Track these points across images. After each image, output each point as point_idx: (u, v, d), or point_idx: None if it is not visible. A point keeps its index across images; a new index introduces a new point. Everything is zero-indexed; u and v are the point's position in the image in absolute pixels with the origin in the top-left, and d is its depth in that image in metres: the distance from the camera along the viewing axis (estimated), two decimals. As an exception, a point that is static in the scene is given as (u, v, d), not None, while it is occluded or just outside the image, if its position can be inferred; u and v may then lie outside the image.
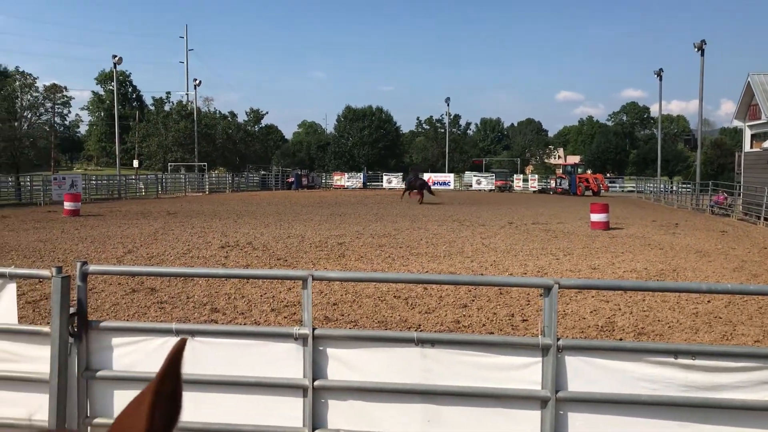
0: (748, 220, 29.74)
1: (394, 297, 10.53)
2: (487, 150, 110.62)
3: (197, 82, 64.28)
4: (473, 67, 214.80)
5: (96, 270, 4.21)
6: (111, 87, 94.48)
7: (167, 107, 71.64)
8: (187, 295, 10.48)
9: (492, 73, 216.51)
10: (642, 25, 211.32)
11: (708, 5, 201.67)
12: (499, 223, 24.87)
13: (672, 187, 55.54)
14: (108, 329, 4.08)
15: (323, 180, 74.79)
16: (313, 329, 3.91)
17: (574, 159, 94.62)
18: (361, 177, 72.09)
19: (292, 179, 65.99)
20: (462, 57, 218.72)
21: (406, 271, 13.36)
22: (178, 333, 3.96)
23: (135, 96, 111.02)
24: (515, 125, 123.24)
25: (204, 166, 62.09)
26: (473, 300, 10.38)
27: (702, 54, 42.67)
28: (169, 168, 63.26)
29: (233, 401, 3.89)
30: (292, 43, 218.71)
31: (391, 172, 76.56)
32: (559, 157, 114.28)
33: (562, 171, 67.04)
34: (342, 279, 6.32)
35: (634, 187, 67.00)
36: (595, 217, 22.63)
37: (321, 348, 3.94)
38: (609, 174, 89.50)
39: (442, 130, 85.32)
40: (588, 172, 63.18)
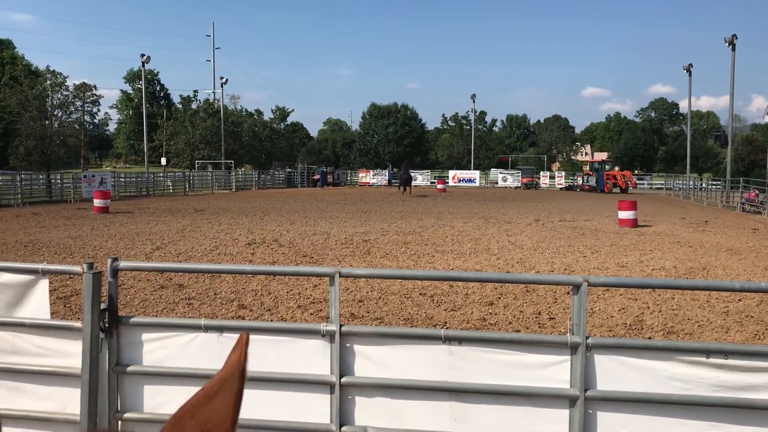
0: (780, 217, 29.20)
1: (419, 294, 10.51)
2: (513, 147, 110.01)
3: (224, 80, 64.81)
4: (499, 64, 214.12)
5: (126, 266, 4.26)
6: (139, 86, 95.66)
7: (194, 105, 72.31)
8: (215, 292, 10.57)
9: (518, 70, 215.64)
10: (671, 20, 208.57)
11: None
12: (526, 221, 24.71)
13: (701, 184, 54.65)
14: (138, 325, 4.12)
15: (348, 177, 74.99)
16: (340, 326, 3.91)
17: (601, 156, 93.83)
18: (386, 174, 72.14)
19: (317, 177, 66.28)
20: (488, 53, 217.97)
21: (431, 269, 13.33)
22: (207, 329, 3.99)
23: (163, 94, 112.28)
24: (541, 122, 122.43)
25: (231, 163, 62.60)
26: (499, 297, 10.33)
27: (733, 49, 41.94)
28: (196, 165, 63.86)
29: (261, 397, 3.91)
30: (317, 41, 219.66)
31: (417, 169, 76.49)
32: (586, 154, 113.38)
33: (589, 168, 66.38)
34: (369, 276, 6.33)
35: (662, 184, 66.20)
36: (623, 215, 22.38)
37: (348, 345, 3.95)
38: (637, 171, 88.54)
39: (467, 126, 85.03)
40: (615, 168, 62.44)
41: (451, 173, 72.34)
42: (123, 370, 4.10)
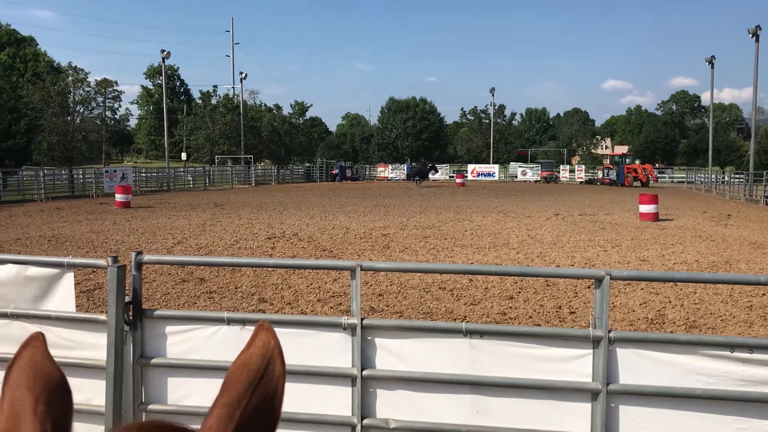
0: (805, 211, 28.78)
1: (439, 288, 10.51)
2: (533, 140, 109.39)
3: (243, 75, 65.05)
4: (518, 57, 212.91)
5: (150, 260, 4.30)
6: (159, 81, 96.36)
7: (214, 101, 72.69)
8: (235, 286, 10.65)
9: (537, 63, 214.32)
10: (693, 11, 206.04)
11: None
12: (545, 215, 24.59)
13: (724, 178, 53.96)
14: (162, 318, 4.17)
15: (367, 172, 74.97)
16: (362, 319, 3.93)
17: (621, 149, 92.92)
18: (405, 168, 72.05)
19: (336, 171, 66.40)
20: (507, 46, 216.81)
21: (451, 263, 13.31)
22: (229, 322, 4.02)
23: (183, 90, 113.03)
24: (561, 115, 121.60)
25: (250, 158, 62.85)
26: (519, 292, 10.30)
27: (757, 40, 41.37)
28: (216, 160, 64.23)
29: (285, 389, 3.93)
30: (336, 36, 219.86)
31: (436, 163, 76.28)
32: (607, 148, 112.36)
33: (609, 161, 65.81)
34: (390, 269, 6.33)
35: (684, 178, 65.45)
36: (644, 208, 22.19)
37: (369, 338, 3.96)
38: (658, 164, 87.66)
39: (486, 120, 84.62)
40: (636, 162, 61.80)
41: (470, 167, 72.06)
42: (147, 362, 4.15)
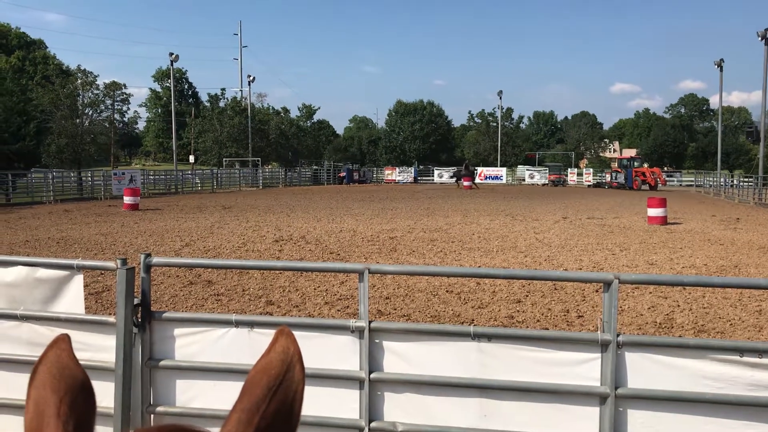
0: (814, 215, 28.61)
1: (446, 292, 10.50)
2: (540, 144, 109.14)
3: (251, 78, 65.29)
4: (526, 60, 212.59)
5: (159, 262, 4.32)
6: (168, 84, 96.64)
7: (222, 103, 72.90)
8: (243, 288, 10.67)
9: (545, 66, 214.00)
10: (702, 13, 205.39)
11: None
12: (553, 218, 24.54)
13: (733, 181, 53.68)
14: (170, 320, 4.18)
15: (374, 175, 74.99)
16: (370, 322, 3.93)
17: (630, 152, 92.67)
18: (412, 171, 72.08)
19: (343, 174, 66.45)
20: (514, 50, 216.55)
21: (458, 266, 13.30)
22: (238, 324, 4.03)
23: (191, 93, 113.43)
24: (569, 118, 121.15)
25: (258, 161, 63.00)
26: (527, 295, 10.28)
27: (766, 43, 41.17)
28: (224, 163, 64.40)
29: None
30: (343, 39, 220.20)
31: (443, 166, 76.29)
32: (615, 151, 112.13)
33: (617, 165, 65.57)
34: (398, 272, 6.32)
35: (692, 181, 65.16)
36: (653, 212, 22.12)
37: (377, 341, 3.96)
38: (666, 168, 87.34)
39: (494, 123, 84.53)
40: (645, 165, 61.55)
41: (478, 170, 72.02)
42: (155, 364, 4.16)
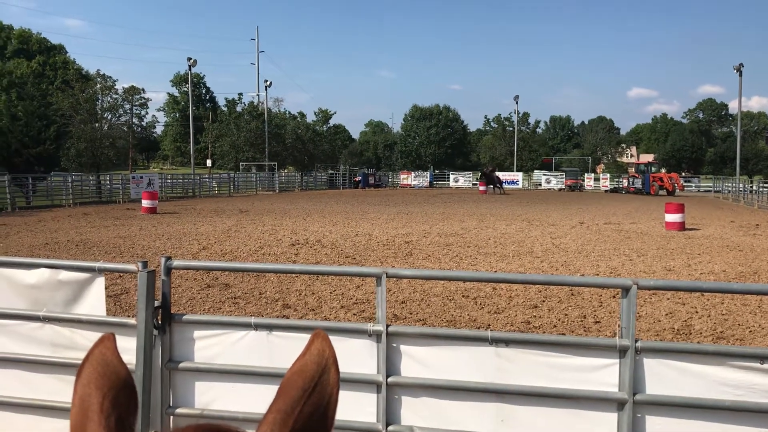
0: (835, 221, 28.25)
1: (462, 296, 10.50)
2: (557, 148, 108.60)
3: (268, 83, 65.63)
4: (542, 64, 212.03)
5: (179, 265, 4.37)
6: (186, 89, 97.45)
7: (239, 108, 73.31)
8: (260, 291, 10.73)
9: (562, 70, 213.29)
10: (720, 18, 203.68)
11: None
12: (570, 223, 24.42)
13: (752, 187, 53.12)
14: (190, 322, 4.22)
15: (390, 179, 75.07)
16: (387, 326, 3.95)
17: (647, 157, 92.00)
18: (428, 176, 72.06)
19: (359, 178, 66.56)
20: (531, 54, 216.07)
21: (474, 271, 13.28)
22: (257, 327, 4.07)
23: (208, 97, 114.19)
24: (586, 123, 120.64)
25: (274, 165, 63.27)
26: (544, 301, 10.25)
27: (786, 47, 40.73)
28: (241, 167, 64.74)
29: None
30: (360, 44, 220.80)
31: (458, 170, 76.19)
32: (632, 156, 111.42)
33: (634, 170, 65.13)
34: (415, 277, 6.34)
35: (711, 187, 64.55)
36: (670, 218, 21.95)
37: (394, 345, 3.97)
38: (684, 173, 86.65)
39: (510, 128, 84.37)
40: (662, 170, 61.12)
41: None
42: (175, 366, 4.20)
